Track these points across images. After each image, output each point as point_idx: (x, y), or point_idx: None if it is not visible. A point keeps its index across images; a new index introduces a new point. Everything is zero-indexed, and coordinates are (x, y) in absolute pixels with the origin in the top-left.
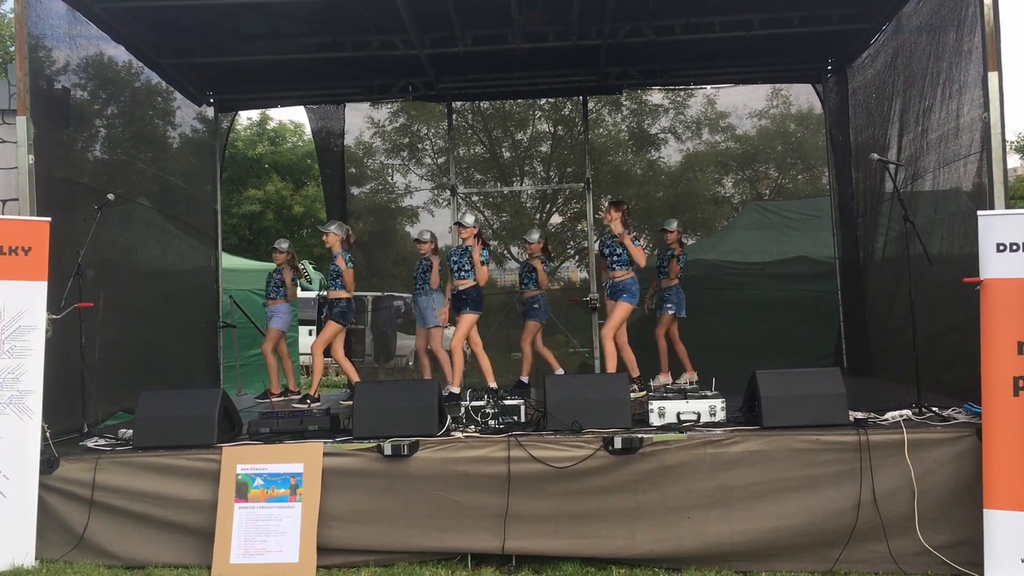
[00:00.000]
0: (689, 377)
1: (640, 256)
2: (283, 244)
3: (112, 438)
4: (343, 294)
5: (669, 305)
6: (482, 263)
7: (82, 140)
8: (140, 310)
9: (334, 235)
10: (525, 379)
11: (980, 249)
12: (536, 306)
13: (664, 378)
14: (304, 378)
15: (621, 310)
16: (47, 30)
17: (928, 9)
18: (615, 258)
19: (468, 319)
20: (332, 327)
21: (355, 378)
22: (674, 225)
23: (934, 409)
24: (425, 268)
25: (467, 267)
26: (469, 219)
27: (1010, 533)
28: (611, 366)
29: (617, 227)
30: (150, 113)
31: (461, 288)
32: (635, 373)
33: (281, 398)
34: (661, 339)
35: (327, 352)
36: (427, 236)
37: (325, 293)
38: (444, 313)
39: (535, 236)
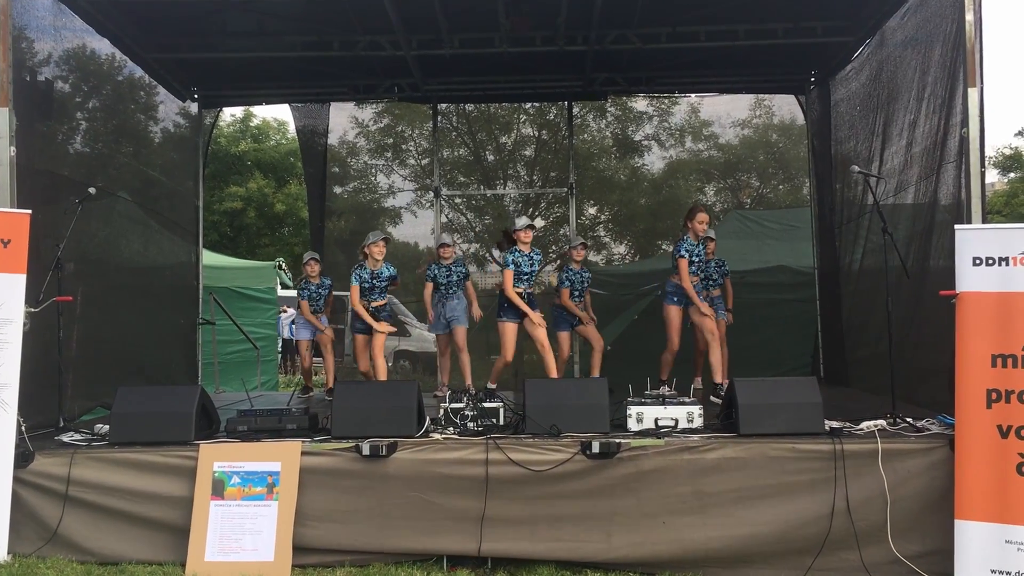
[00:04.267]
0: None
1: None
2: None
3: (88, 433)
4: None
5: (723, 312)
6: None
7: (63, 133)
8: (119, 305)
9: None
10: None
11: (956, 262)
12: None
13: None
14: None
15: None
16: (31, 21)
17: (913, 24)
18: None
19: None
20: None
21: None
22: (713, 233)
23: (908, 420)
24: (460, 276)
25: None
26: (525, 221)
27: (980, 543)
28: None
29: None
30: (132, 107)
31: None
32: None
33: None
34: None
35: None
36: (448, 238)
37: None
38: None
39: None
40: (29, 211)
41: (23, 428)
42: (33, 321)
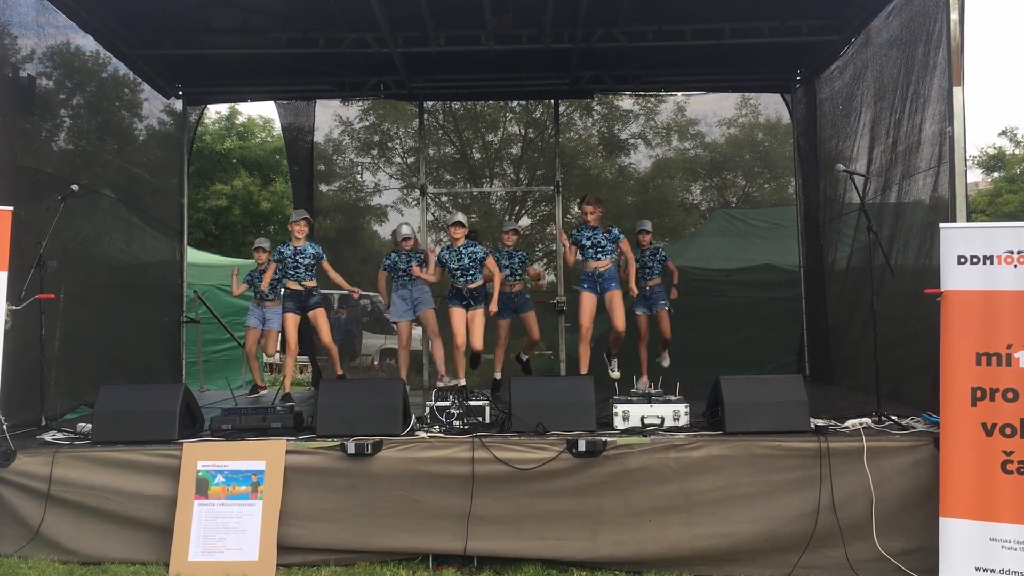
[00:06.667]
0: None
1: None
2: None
3: (71, 432)
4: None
5: (664, 302)
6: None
7: (47, 129)
8: (103, 303)
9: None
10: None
11: (941, 261)
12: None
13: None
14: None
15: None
16: (14, 17)
17: (897, 24)
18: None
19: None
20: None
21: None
22: (650, 225)
23: (893, 418)
24: (418, 261)
25: (473, 268)
26: (461, 217)
27: (965, 541)
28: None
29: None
30: (116, 104)
31: (472, 287)
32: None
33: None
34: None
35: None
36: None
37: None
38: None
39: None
40: (11, 208)
41: (5, 427)
42: (15, 319)
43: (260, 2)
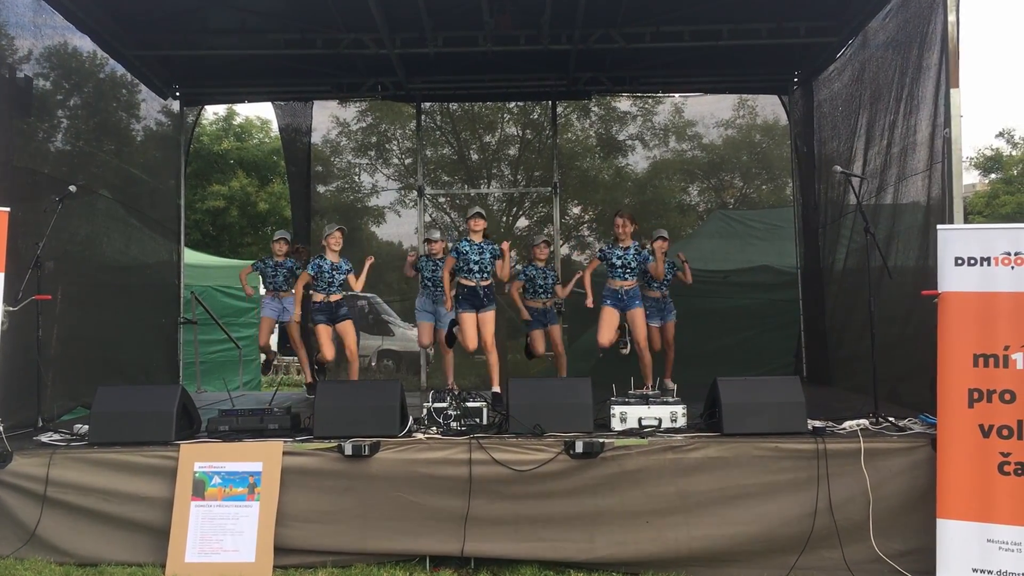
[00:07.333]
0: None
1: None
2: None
3: (67, 433)
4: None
5: (674, 312)
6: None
7: (44, 130)
8: (100, 304)
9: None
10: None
11: (939, 263)
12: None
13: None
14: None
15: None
16: (11, 18)
17: (894, 25)
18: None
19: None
20: None
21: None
22: (666, 234)
23: (890, 419)
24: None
25: (491, 265)
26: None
27: (962, 542)
28: None
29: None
30: (114, 105)
31: (485, 284)
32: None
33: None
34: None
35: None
36: (439, 235)
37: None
38: None
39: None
40: (8, 209)
41: (1, 428)
42: (12, 320)
43: (258, 3)
